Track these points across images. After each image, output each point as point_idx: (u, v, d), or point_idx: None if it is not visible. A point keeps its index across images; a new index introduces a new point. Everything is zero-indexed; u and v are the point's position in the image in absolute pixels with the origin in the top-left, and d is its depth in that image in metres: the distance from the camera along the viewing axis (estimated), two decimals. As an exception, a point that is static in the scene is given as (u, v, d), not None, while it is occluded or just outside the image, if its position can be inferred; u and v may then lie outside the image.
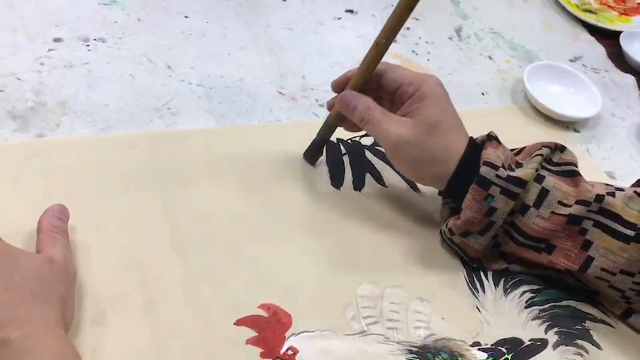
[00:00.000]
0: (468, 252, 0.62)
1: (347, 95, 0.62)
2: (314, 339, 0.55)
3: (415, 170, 0.62)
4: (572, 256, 0.59)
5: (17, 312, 0.45)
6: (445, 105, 0.61)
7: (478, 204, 0.58)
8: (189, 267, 0.57)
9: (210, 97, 0.74)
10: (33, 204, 0.56)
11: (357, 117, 0.61)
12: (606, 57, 1.00)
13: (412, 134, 0.59)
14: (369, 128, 0.61)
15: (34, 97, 0.68)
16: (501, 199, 0.58)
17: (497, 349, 0.58)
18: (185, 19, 0.85)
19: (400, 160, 0.61)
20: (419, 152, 0.59)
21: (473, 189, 0.58)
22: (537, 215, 0.58)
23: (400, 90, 0.62)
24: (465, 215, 0.59)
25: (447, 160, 0.59)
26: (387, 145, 0.61)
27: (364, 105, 0.61)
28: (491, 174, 0.57)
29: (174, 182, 0.64)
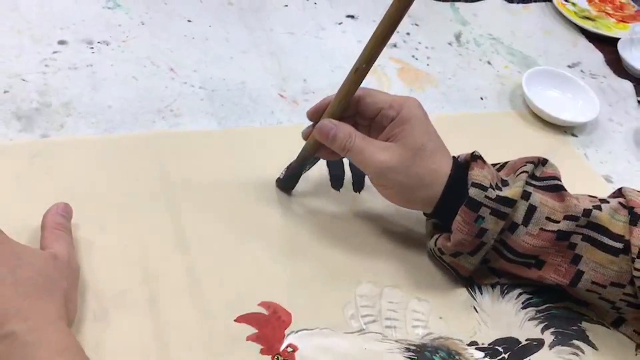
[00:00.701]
0: (459, 271, 0.62)
1: (326, 124, 0.60)
2: (313, 337, 0.55)
3: (402, 195, 0.60)
4: (562, 271, 0.59)
5: (22, 306, 0.46)
6: (427, 127, 0.60)
7: (468, 226, 0.57)
8: (191, 265, 0.58)
9: (212, 99, 0.75)
10: (37, 202, 0.56)
11: (338, 145, 0.59)
12: (604, 63, 1.01)
13: (399, 159, 0.58)
14: (351, 156, 0.59)
15: (38, 98, 0.69)
16: (491, 220, 0.57)
17: (494, 348, 0.59)
18: (188, 23, 0.86)
19: (388, 187, 0.60)
20: (406, 178, 0.58)
21: (463, 210, 0.57)
22: (525, 232, 0.58)
23: (381, 114, 0.60)
24: (456, 238, 0.58)
25: (434, 183, 0.58)
26: (373, 173, 0.59)
27: (345, 133, 0.59)
28: (480, 195, 0.57)
29: (176, 182, 0.65)
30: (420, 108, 0.60)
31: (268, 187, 0.67)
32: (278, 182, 0.67)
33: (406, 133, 0.58)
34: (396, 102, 0.60)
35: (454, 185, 0.58)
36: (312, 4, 0.96)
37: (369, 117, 0.61)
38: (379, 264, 0.63)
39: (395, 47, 0.92)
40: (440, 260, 0.62)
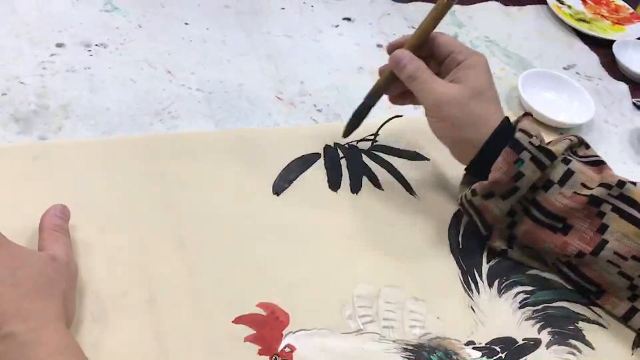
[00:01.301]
0: (485, 217, 0.63)
1: (400, 52, 0.64)
2: (311, 337, 0.56)
3: (453, 132, 0.63)
4: (586, 238, 0.61)
5: (21, 307, 0.46)
6: (489, 78, 0.64)
7: (508, 165, 0.60)
8: (189, 267, 0.58)
9: (209, 101, 0.76)
10: (36, 204, 0.57)
11: (406, 73, 0.63)
12: (599, 66, 1.01)
13: (458, 95, 0.61)
14: (415, 85, 0.63)
15: (36, 100, 0.70)
16: (530, 166, 0.60)
17: (491, 347, 0.59)
18: (185, 26, 0.86)
19: (441, 119, 0.63)
20: (461, 113, 0.61)
21: (505, 151, 0.60)
22: (559, 192, 0.61)
23: (450, 57, 0.64)
24: (494, 176, 0.61)
25: (484, 126, 0.62)
26: (431, 102, 0.63)
27: (415, 64, 0.63)
28: (525, 139, 0.60)
29: (174, 184, 0.65)
30: (487, 62, 0.65)
31: (265, 188, 0.67)
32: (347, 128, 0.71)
33: (469, 77, 0.62)
34: (466, 49, 0.65)
35: (502, 133, 0.61)
36: (309, 7, 0.96)
37: (440, 58, 0.65)
38: (377, 264, 0.63)
39: (392, 49, 0.92)
40: (470, 205, 0.64)
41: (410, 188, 0.72)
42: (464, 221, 0.69)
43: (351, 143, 0.75)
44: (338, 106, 0.80)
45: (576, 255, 0.62)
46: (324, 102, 0.80)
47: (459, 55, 0.64)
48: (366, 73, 0.87)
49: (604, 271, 0.61)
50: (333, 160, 0.72)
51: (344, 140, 0.74)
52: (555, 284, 0.65)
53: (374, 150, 0.75)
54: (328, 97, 0.81)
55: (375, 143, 0.76)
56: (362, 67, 0.88)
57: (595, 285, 0.63)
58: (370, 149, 0.75)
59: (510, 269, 0.66)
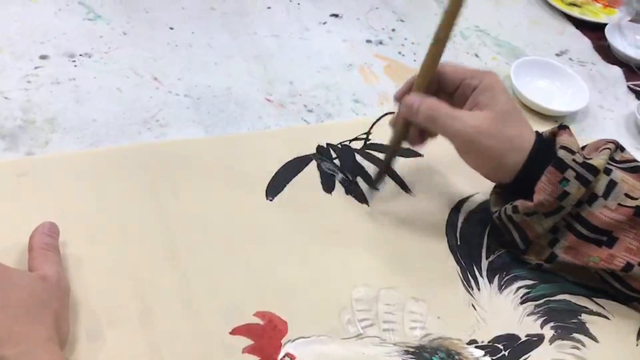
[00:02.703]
0: (527, 232, 0.62)
1: (410, 97, 0.61)
2: (311, 345, 0.55)
3: (490, 161, 0.60)
4: (633, 249, 0.59)
5: (12, 331, 0.45)
6: (510, 97, 0.61)
7: (553, 186, 0.58)
8: (183, 277, 0.58)
9: (198, 107, 0.75)
10: (25, 222, 0.56)
11: (423, 116, 0.60)
12: (592, 50, 1.00)
13: (489, 124, 0.58)
14: (437, 125, 0.60)
15: (22, 115, 0.69)
16: (575, 184, 0.58)
17: (494, 345, 0.58)
18: (170, 31, 0.85)
19: (478, 153, 0.60)
20: (497, 141, 0.59)
21: (549, 171, 0.58)
22: (604, 205, 0.59)
23: (463, 84, 0.62)
24: (538, 198, 0.58)
25: (521, 148, 0.59)
26: (463, 139, 0.59)
27: (429, 103, 0.60)
28: (568, 157, 0.58)
29: (165, 193, 0.64)
30: (499, 80, 0.62)
31: (258, 193, 0.66)
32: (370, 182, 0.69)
33: (491, 99, 0.59)
34: (477, 72, 0.62)
35: (539, 152, 0.59)
36: (296, 4, 0.95)
37: (452, 89, 0.63)
38: (374, 265, 0.62)
39: (381, 44, 0.91)
40: (509, 221, 0.62)
41: (406, 186, 0.71)
42: (462, 217, 0.68)
43: (344, 143, 0.74)
44: (329, 105, 0.79)
45: (623, 268, 0.59)
46: (315, 102, 0.79)
47: (472, 80, 0.61)
48: (356, 70, 0.86)
49: None
50: (326, 161, 0.71)
51: (337, 140, 0.73)
52: (556, 277, 0.64)
53: (367, 148, 0.74)
54: (318, 96, 0.80)
55: (368, 142, 0.75)
56: (352, 63, 0.86)
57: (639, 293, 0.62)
58: (363, 148, 0.74)
59: (510, 264, 0.65)
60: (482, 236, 0.67)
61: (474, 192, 0.71)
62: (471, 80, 0.61)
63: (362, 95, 0.82)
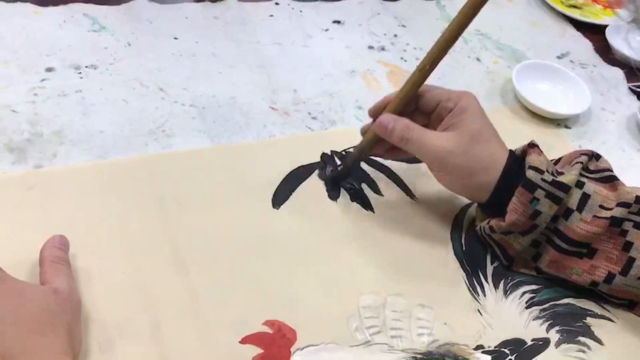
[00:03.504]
0: (507, 250, 0.64)
1: (385, 118, 0.63)
2: (319, 353, 0.55)
3: (461, 180, 0.62)
4: (613, 258, 0.60)
5: (26, 345, 0.46)
6: (484, 117, 0.63)
7: (523, 206, 0.59)
8: (192, 288, 0.58)
9: (203, 117, 0.75)
10: (35, 235, 0.56)
11: (397, 137, 0.62)
12: (593, 52, 1.01)
13: (458, 144, 0.60)
14: (410, 146, 0.62)
15: (29, 128, 0.69)
16: (546, 203, 0.59)
17: (501, 350, 0.59)
18: (174, 41, 0.85)
19: (447, 172, 0.62)
20: (465, 161, 0.61)
21: (519, 191, 0.59)
22: (580, 219, 0.60)
23: (439, 107, 0.63)
24: (510, 218, 0.60)
25: (492, 168, 0.61)
26: (433, 159, 0.62)
27: (403, 125, 0.62)
28: (537, 177, 0.59)
29: (173, 204, 0.65)
30: (476, 101, 0.64)
31: (265, 202, 0.67)
32: (323, 175, 0.71)
33: (464, 121, 0.61)
34: (454, 95, 0.63)
35: (511, 171, 0.61)
36: (298, 12, 0.95)
37: (428, 111, 0.65)
38: (381, 272, 0.63)
39: (384, 50, 0.92)
40: (489, 238, 0.64)
41: (410, 192, 0.71)
42: (466, 223, 0.69)
43: (348, 150, 0.74)
44: (332, 112, 0.80)
45: (605, 279, 0.61)
46: (318, 110, 0.80)
47: (448, 102, 0.63)
48: (358, 76, 0.86)
49: (635, 288, 0.61)
50: (331, 169, 0.72)
51: (341, 147, 0.74)
52: (560, 281, 0.65)
53: (372, 155, 0.74)
54: (322, 103, 0.81)
55: (372, 148, 0.75)
56: (354, 70, 0.87)
57: (627, 300, 0.63)
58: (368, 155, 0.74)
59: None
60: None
61: (478, 197, 0.71)
62: (447, 102, 0.63)
63: (365, 101, 0.82)
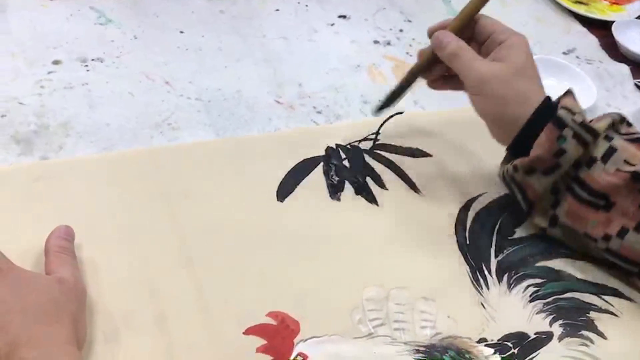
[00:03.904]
0: (527, 193, 0.64)
1: (443, 33, 0.65)
2: (323, 344, 0.56)
3: (496, 109, 0.64)
4: (629, 213, 0.60)
5: (32, 333, 0.46)
6: (531, 59, 0.65)
7: (550, 142, 0.60)
8: (197, 279, 0.59)
9: (209, 110, 0.76)
10: (41, 226, 0.57)
11: (448, 52, 0.64)
12: (599, 48, 1.01)
13: (502, 71, 0.62)
14: (457, 63, 0.64)
15: (36, 120, 0.70)
16: (572, 143, 0.60)
17: (504, 343, 0.59)
18: (180, 34, 0.86)
19: (485, 97, 0.64)
20: (504, 89, 0.62)
21: (548, 127, 0.61)
22: (602, 169, 0.61)
23: (492, 37, 0.65)
24: (535, 153, 0.61)
25: (527, 103, 0.62)
26: (474, 80, 0.63)
27: (456, 43, 0.64)
28: (567, 117, 0.60)
29: (178, 196, 0.65)
30: (527, 42, 0.66)
31: (269, 195, 0.67)
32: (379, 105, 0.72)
33: (512, 55, 0.63)
34: (508, 30, 0.66)
35: (544, 111, 0.62)
36: (304, 6, 0.96)
37: (482, 39, 0.67)
38: (384, 265, 0.63)
39: (389, 44, 0.92)
40: (512, 180, 0.65)
41: (415, 186, 0.71)
42: (470, 217, 0.69)
43: (353, 143, 0.75)
44: (337, 107, 0.80)
45: (618, 232, 0.61)
46: (324, 104, 0.80)
47: (501, 35, 0.65)
48: (364, 71, 0.86)
49: None
50: (336, 163, 0.72)
51: (346, 141, 0.74)
52: (564, 275, 0.65)
53: (376, 149, 0.74)
54: (327, 97, 0.81)
55: (377, 142, 0.75)
56: (360, 65, 0.87)
57: (638, 265, 0.63)
58: (372, 149, 0.75)
59: (518, 262, 0.66)
60: (491, 235, 0.67)
61: (483, 192, 0.72)
62: (500, 35, 0.65)
63: (371, 96, 0.82)
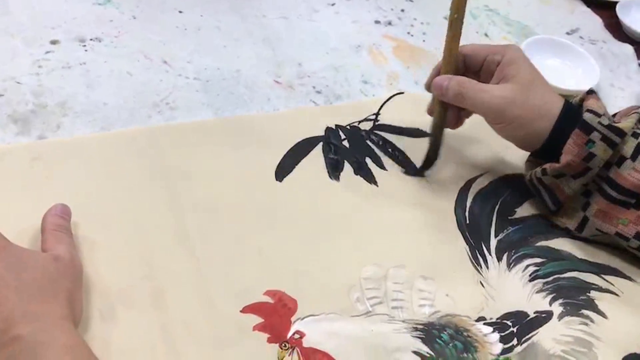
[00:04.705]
0: (557, 194, 0.64)
1: (439, 78, 0.65)
2: (320, 322, 0.55)
3: (520, 130, 0.63)
4: None
5: (27, 310, 0.46)
6: (533, 67, 0.64)
7: (578, 147, 0.60)
8: (195, 258, 0.58)
9: (207, 90, 0.75)
10: (38, 204, 0.56)
11: (452, 93, 0.63)
12: (603, 28, 1.00)
13: (515, 94, 0.62)
14: (467, 101, 0.63)
15: (34, 99, 0.69)
16: (601, 146, 0.60)
17: (503, 322, 0.58)
18: (179, 14, 0.85)
19: (507, 123, 0.63)
20: (523, 110, 0.62)
21: (575, 133, 0.60)
22: (632, 167, 0.60)
23: (487, 61, 0.65)
24: (565, 159, 0.61)
25: (548, 115, 0.62)
26: (492, 110, 0.63)
27: (456, 80, 0.64)
28: (594, 120, 0.60)
29: (176, 176, 0.65)
30: (522, 51, 0.65)
31: (268, 174, 0.67)
32: (415, 171, 0.70)
33: (516, 71, 0.63)
34: (499, 48, 0.65)
35: (566, 117, 0.62)
36: (304, -14, 0.95)
37: (477, 68, 0.66)
38: (383, 245, 0.63)
39: (390, 24, 0.91)
40: (539, 182, 0.65)
41: (414, 166, 0.71)
42: (470, 197, 0.68)
43: (353, 124, 0.74)
44: (337, 86, 0.79)
45: None
46: (323, 84, 0.79)
47: (495, 55, 0.64)
48: (364, 51, 0.86)
49: None
50: (335, 143, 0.71)
51: (345, 121, 0.74)
52: (564, 255, 0.65)
53: (376, 129, 0.74)
54: (327, 77, 0.80)
55: (377, 122, 0.75)
56: (360, 45, 0.86)
57: None
58: (372, 129, 0.74)
59: (518, 242, 0.65)
60: (491, 215, 0.67)
61: (483, 172, 0.71)
62: (494, 56, 0.64)
63: (371, 76, 0.82)
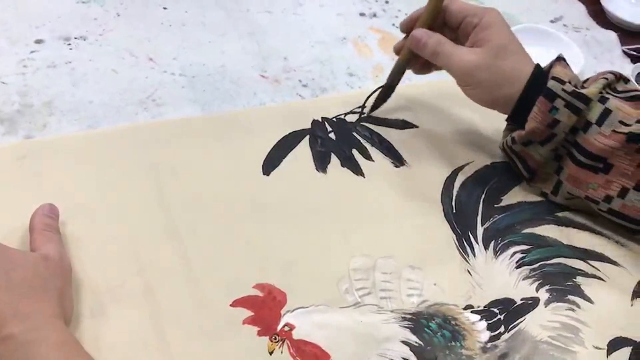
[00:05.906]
0: (528, 162, 0.66)
1: (418, 32, 0.66)
2: (309, 314, 0.56)
3: (487, 94, 0.65)
4: (628, 174, 0.61)
5: (18, 309, 0.47)
6: (508, 32, 0.66)
7: (542, 114, 0.61)
8: (184, 253, 0.59)
9: (193, 86, 0.75)
10: (26, 204, 0.57)
11: (429, 51, 0.66)
12: (587, 15, 1.00)
13: (483, 58, 0.63)
14: (441, 60, 0.65)
15: (19, 99, 0.69)
16: (564, 112, 0.61)
17: (490, 310, 0.59)
18: (164, 10, 0.85)
19: (474, 86, 0.65)
20: (490, 74, 0.63)
21: (540, 101, 0.61)
22: (598, 132, 0.61)
23: (465, 22, 0.66)
24: (530, 126, 0.62)
25: (517, 81, 0.63)
26: (460, 72, 0.65)
27: (435, 39, 0.65)
28: (557, 87, 0.61)
29: (163, 171, 0.65)
30: (501, 16, 0.66)
31: (255, 169, 0.67)
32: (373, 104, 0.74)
33: (490, 36, 0.64)
34: (479, 10, 0.66)
35: (535, 84, 0.63)
36: (288, -20, 0.95)
37: (454, 25, 0.67)
38: (371, 236, 0.63)
39: (375, 16, 0.91)
40: (511, 151, 0.67)
41: (401, 157, 0.71)
42: (457, 186, 0.69)
43: (339, 116, 0.74)
44: (323, 80, 0.79)
45: (619, 193, 0.62)
46: (309, 77, 0.80)
47: (474, 18, 0.65)
48: (350, 43, 0.86)
49: None
50: (322, 135, 0.72)
51: (332, 114, 0.74)
52: (550, 241, 0.65)
53: (362, 121, 0.74)
54: (313, 71, 0.81)
55: (363, 115, 0.75)
56: (345, 37, 0.87)
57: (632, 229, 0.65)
58: (358, 121, 0.74)
59: (505, 230, 0.66)
60: (478, 204, 0.68)
61: (469, 161, 0.72)
62: (472, 18, 0.65)
63: (357, 68, 0.82)
